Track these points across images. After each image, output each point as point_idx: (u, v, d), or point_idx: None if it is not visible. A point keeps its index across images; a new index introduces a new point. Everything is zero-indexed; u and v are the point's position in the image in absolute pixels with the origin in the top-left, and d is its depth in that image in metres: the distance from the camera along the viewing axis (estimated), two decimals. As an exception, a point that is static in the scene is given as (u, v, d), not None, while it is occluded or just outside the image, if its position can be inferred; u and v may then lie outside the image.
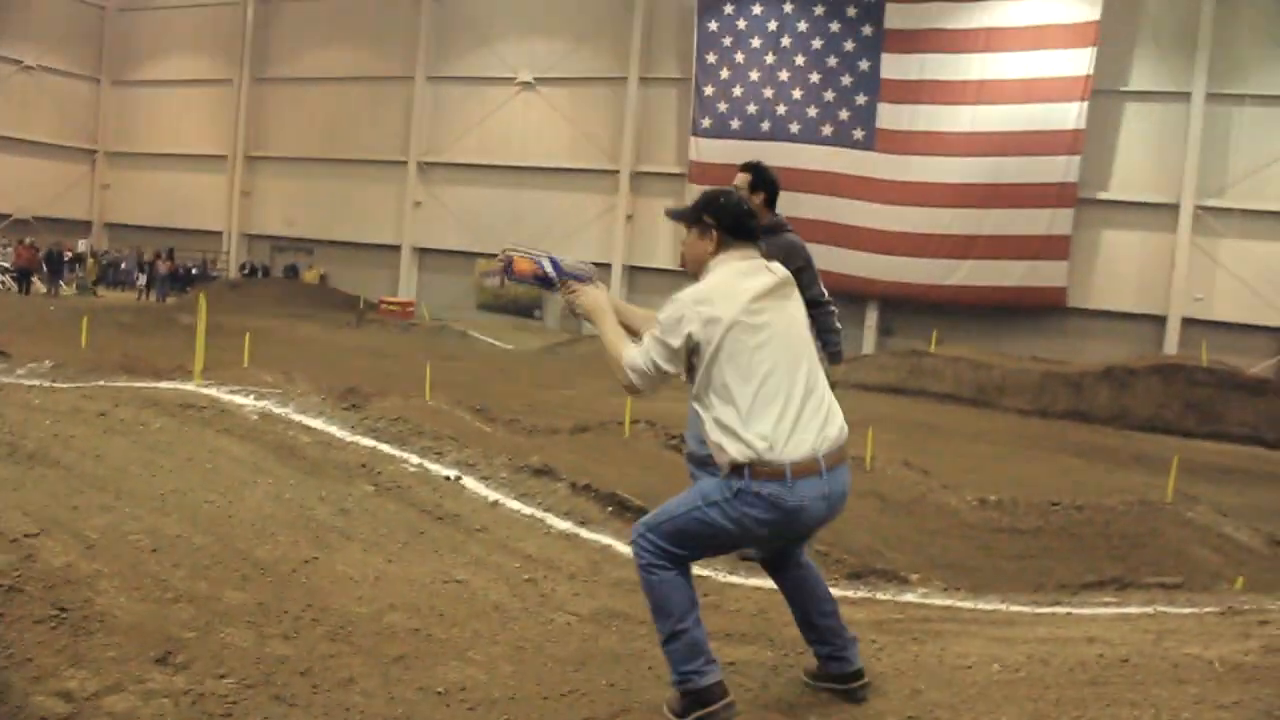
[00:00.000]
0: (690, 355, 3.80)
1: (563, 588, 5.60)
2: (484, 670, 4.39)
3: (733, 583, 5.93)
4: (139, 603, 4.30)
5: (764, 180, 6.33)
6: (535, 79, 33.86)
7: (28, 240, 33.45)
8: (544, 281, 4.31)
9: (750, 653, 4.82)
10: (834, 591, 5.81)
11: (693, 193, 29.67)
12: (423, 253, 36.01)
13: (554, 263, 4.31)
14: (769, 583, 5.87)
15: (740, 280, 3.83)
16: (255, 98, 39.09)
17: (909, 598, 5.84)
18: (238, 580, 4.71)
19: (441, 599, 5.08)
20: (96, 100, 41.47)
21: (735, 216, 3.96)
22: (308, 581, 4.90)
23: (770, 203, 6.36)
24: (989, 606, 5.62)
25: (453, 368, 18.44)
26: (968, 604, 5.68)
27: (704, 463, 5.41)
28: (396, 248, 36.05)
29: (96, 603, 4.21)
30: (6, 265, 31.95)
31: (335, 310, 30.41)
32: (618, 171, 32.74)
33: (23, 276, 31.46)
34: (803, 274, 5.65)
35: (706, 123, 30.87)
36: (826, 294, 6.39)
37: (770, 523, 3.74)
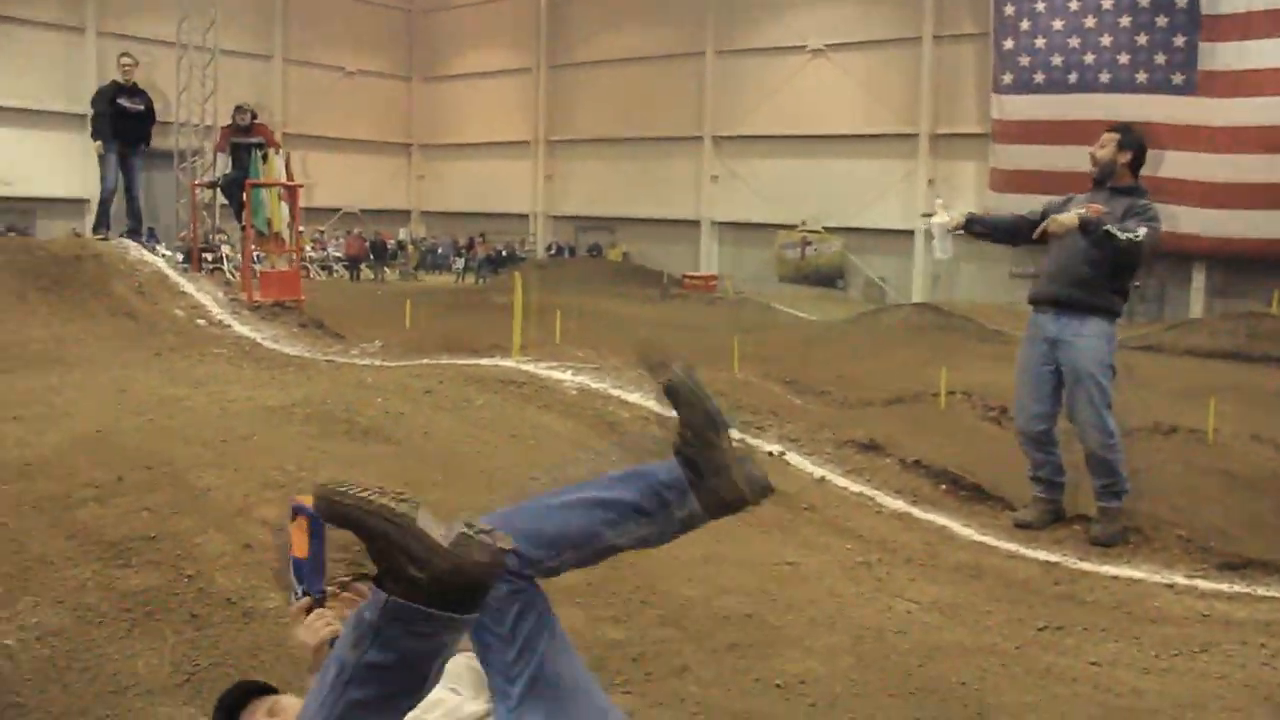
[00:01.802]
0: None
1: (899, 572, 5.18)
2: (823, 662, 4.05)
3: (1084, 570, 5.32)
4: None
5: (1133, 141, 5.87)
6: (826, 45, 33.00)
7: (355, 231, 35.92)
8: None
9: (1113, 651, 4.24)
10: (1203, 584, 5.11)
11: (998, 154, 28.19)
12: (722, 226, 35.98)
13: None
14: (1127, 570, 5.23)
15: None
16: (554, 84, 40.22)
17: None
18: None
19: (774, 582, 4.79)
20: (409, 97, 43.94)
21: None
22: (637, 563, 4.71)
23: (1136, 165, 5.86)
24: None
25: (758, 340, 18.21)
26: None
27: None
28: (696, 222, 36.19)
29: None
30: (339, 255, 34.44)
31: (639, 286, 30.80)
32: (916, 135, 31.43)
33: (353, 265, 33.92)
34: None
35: (1008, 79, 29.00)
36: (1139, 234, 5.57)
37: None
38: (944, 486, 6.31)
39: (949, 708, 3.70)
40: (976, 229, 6.06)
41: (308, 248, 27.75)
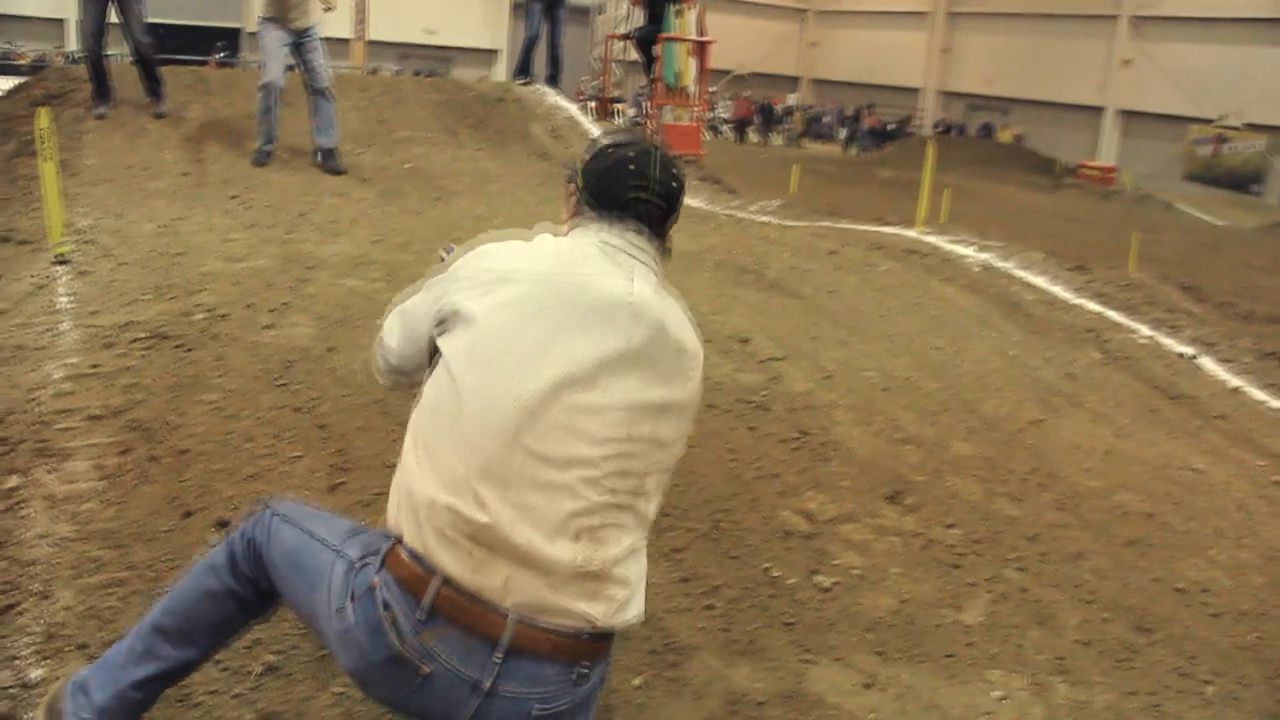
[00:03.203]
0: None
1: (1323, 496, 4.81)
2: (1229, 575, 3.87)
3: None
4: (871, 438, 4.35)
5: None
6: (1274, -87, 29.28)
7: (745, 94, 36.22)
8: None
9: None
10: None
11: None
12: (1128, 115, 33.35)
13: None
14: None
15: None
16: (961, -49, 38.36)
17: None
18: (964, 432, 4.59)
19: (1177, 486, 4.58)
20: (809, -39, 43.34)
21: None
22: (1034, 444, 4.66)
23: None
24: None
25: (1155, 240, 16.95)
26: None
27: None
28: (1098, 109, 33.72)
29: (832, 432, 4.32)
30: (726, 117, 34.87)
31: (1030, 172, 29.24)
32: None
33: (740, 127, 34.29)
34: None
35: None
36: None
37: None
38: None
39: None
40: None
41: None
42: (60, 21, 29.76)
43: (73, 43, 29.24)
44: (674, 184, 2.09)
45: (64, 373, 3.83)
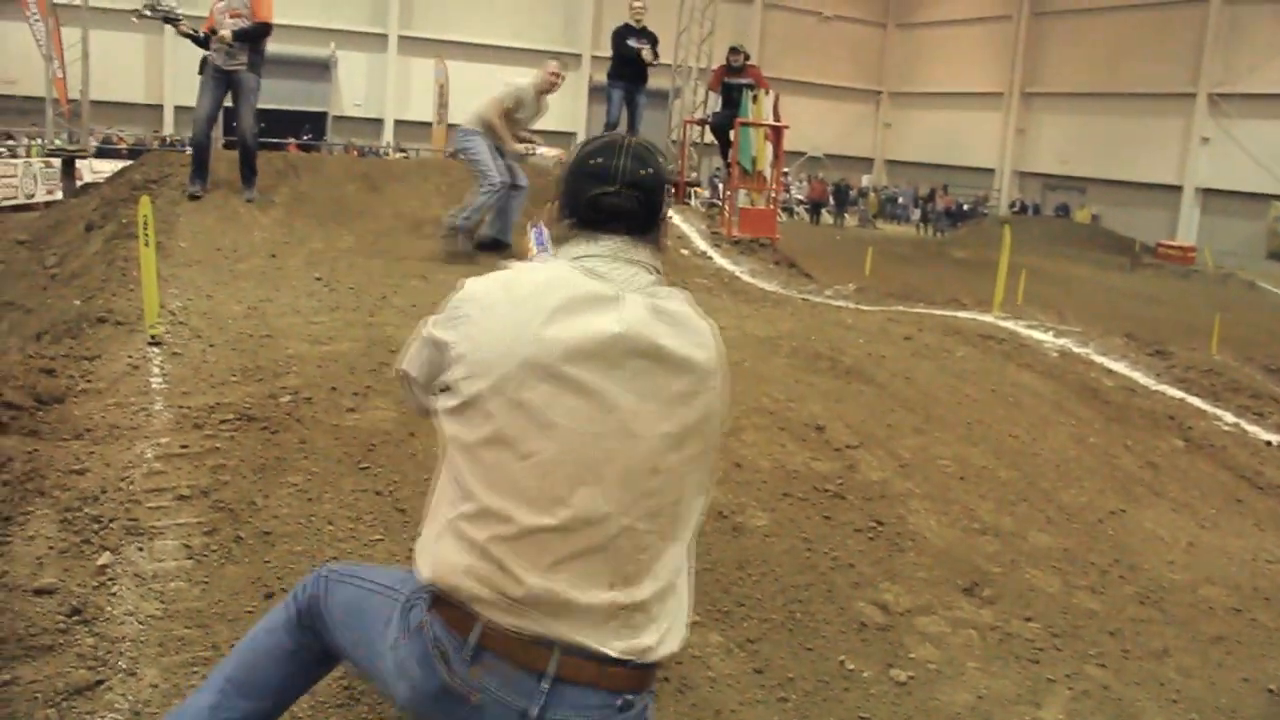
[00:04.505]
0: None
1: None
2: (1325, 676, 3.75)
3: None
4: (947, 528, 4.30)
5: None
6: (1352, -10, 29.01)
7: (819, 175, 36.50)
8: None
9: None
10: None
11: None
12: (1207, 193, 32.95)
13: None
14: None
15: None
16: (1034, 32, 38.40)
17: None
18: (1043, 521, 4.53)
19: (1265, 580, 4.47)
20: (882, 43, 43.67)
21: None
22: (1115, 535, 4.58)
23: None
24: None
25: (1237, 321, 16.65)
26: None
27: None
28: (1177, 188, 33.38)
29: (909, 521, 4.29)
30: (801, 198, 35.12)
31: (1107, 252, 28.97)
32: None
33: (814, 208, 34.52)
34: None
35: None
36: None
37: None
38: None
39: None
40: None
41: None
42: (159, 108, 31.03)
43: (169, 127, 30.45)
44: (644, 171, 1.95)
45: (155, 452, 3.95)
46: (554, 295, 1.86)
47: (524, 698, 1.81)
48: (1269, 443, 5.99)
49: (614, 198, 1.93)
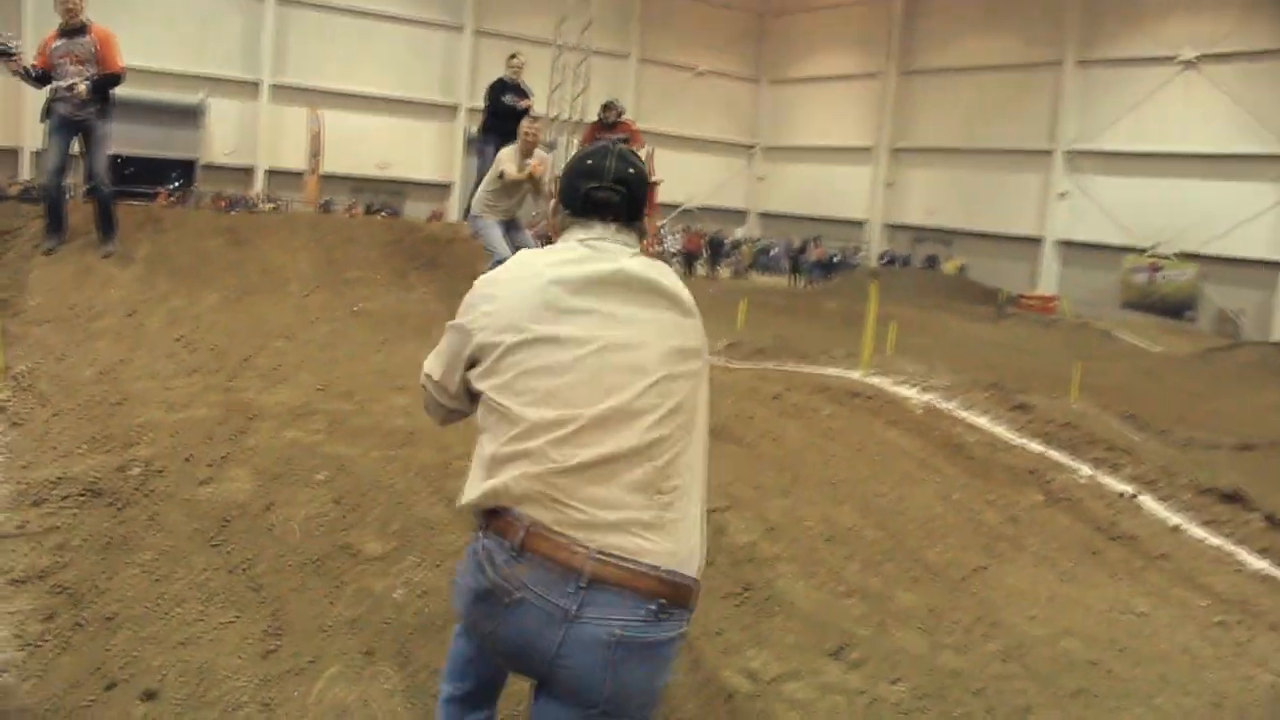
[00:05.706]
0: None
1: (1262, 639, 4.84)
2: (1176, 725, 3.85)
3: None
4: (815, 590, 4.32)
5: None
6: (1198, 56, 30.62)
7: (695, 228, 36.88)
8: None
9: None
10: None
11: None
12: (1066, 245, 34.33)
13: None
14: None
15: None
16: (902, 90, 39.63)
17: None
18: (909, 581, 4.58)
19: (1121, 631, 4.59)
20: (755, 98, 44.58)
21: None
22: (978, 591, 4.66)
23: None
24: None
25: (1096, 369, 17.29)
26: None
27: None
28: (1037, 240, 34.69)
29: (776, 584, 4.29)
30: (675, 250, 35.41)
31: (973, 303, 29.86)
32: (1293, 157, 28.66)
33: (688, 260, 34.81)
34: None
35: None
36: None
37: None
38: (1317, 552, 5.81)
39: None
40: None
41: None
42: (15, 151, 29.75)
43: (26, 172, 29.22)
44: (629, 171, 2.37)
45: (-11, 532, 3.74)
46: (558, 257, 2.31)
47: (562, 597, 2.05)
48: (1123, 494, 6.19)
49: (604, 191, 2.35)
